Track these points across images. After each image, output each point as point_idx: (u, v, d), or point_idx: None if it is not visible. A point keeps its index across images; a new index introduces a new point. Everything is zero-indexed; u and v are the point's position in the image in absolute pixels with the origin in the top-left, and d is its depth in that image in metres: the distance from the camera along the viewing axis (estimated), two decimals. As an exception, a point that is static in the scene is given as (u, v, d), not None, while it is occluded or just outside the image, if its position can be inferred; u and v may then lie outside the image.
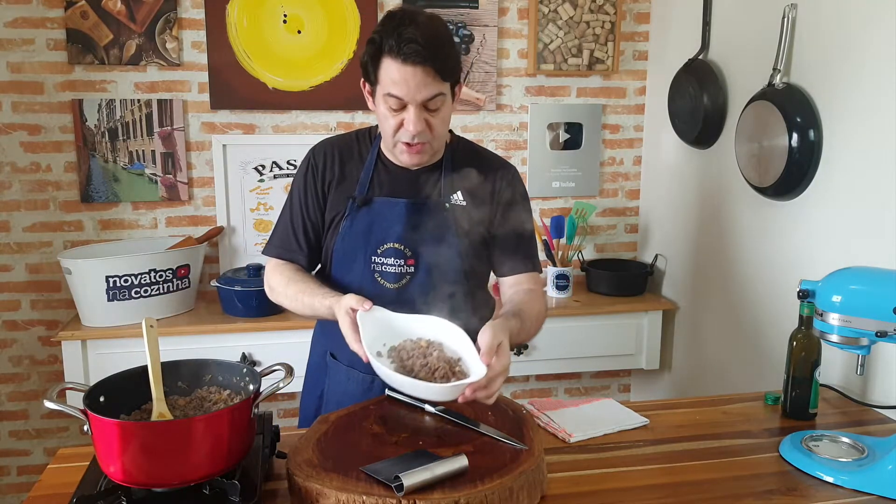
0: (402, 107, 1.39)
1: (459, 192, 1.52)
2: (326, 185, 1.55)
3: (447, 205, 1.51)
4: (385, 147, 1.53)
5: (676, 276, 2.74)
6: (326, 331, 1.62)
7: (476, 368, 1.23)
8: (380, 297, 1.42)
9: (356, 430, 1.27)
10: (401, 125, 1.41)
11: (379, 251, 1.50)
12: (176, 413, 1.18)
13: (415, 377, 1.24)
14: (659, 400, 2.05)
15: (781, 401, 1.59)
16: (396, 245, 1.49)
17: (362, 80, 1.46)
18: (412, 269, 1.50)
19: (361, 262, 1.51)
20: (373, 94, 1.44)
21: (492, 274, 1.63)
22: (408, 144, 1.43)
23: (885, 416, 1.60)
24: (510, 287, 1.56)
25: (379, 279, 1.50)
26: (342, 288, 1.49)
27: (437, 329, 1.34)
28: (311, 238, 1.56)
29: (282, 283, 1.53)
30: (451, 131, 1.58)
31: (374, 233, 1.50)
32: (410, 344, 1.32)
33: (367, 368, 1.44)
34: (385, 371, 1.23)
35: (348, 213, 1.51)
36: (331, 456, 1.17)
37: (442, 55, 1.36)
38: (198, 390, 1.24)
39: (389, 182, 1.53)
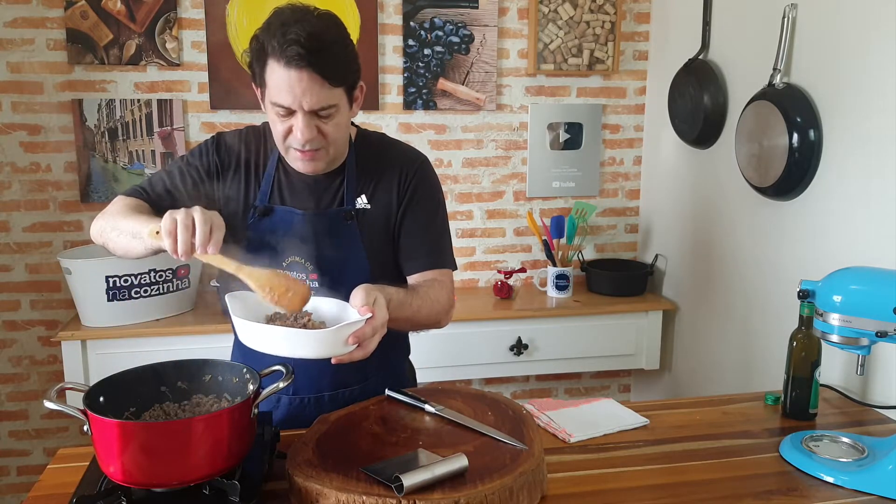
0: (291, 113, 1.29)
1: (364, 196, 1.44)
2: (223, 180, 1.44)
3: (352, 212, 1.43)
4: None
5: (676, 276, 2.74)
6: (245, 351, 1.50)
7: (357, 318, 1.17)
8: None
9: (356, 430, 1.27)
10: (290, 131, 1.31)
11: (284, 264, 1.41)
12: (175, 413, 1.19)
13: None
14: (659, 400, 2.06)
15: (781, 401, 1.59)
16: (298, 259, 1.41)
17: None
18: (316, 283, 1.40)
19: None
20: (262, 96, 1.35)
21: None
22: (301, 150, 1.33)
23: (885, 416, 1.60)
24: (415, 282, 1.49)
25: None
26: None
27: (311, 303, 1.27)
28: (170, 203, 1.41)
29: (119, 209, 1.35)
30: (356, 126, 1.50)
31: (276, 245, 1.41)
32: (280, 315, 1.26)
33: (288, 389, 1.35)
34: (252, 326, 1.15)
35: (250, 223, 1.43)
36: (331, 456, 1.17)
37: (329, 58, 1.25)
38: (198, 390, 1.24)
39: (291, 190, 1.44)
